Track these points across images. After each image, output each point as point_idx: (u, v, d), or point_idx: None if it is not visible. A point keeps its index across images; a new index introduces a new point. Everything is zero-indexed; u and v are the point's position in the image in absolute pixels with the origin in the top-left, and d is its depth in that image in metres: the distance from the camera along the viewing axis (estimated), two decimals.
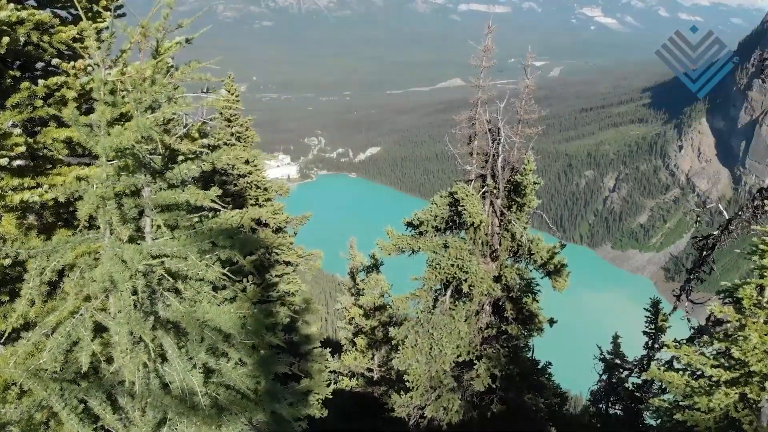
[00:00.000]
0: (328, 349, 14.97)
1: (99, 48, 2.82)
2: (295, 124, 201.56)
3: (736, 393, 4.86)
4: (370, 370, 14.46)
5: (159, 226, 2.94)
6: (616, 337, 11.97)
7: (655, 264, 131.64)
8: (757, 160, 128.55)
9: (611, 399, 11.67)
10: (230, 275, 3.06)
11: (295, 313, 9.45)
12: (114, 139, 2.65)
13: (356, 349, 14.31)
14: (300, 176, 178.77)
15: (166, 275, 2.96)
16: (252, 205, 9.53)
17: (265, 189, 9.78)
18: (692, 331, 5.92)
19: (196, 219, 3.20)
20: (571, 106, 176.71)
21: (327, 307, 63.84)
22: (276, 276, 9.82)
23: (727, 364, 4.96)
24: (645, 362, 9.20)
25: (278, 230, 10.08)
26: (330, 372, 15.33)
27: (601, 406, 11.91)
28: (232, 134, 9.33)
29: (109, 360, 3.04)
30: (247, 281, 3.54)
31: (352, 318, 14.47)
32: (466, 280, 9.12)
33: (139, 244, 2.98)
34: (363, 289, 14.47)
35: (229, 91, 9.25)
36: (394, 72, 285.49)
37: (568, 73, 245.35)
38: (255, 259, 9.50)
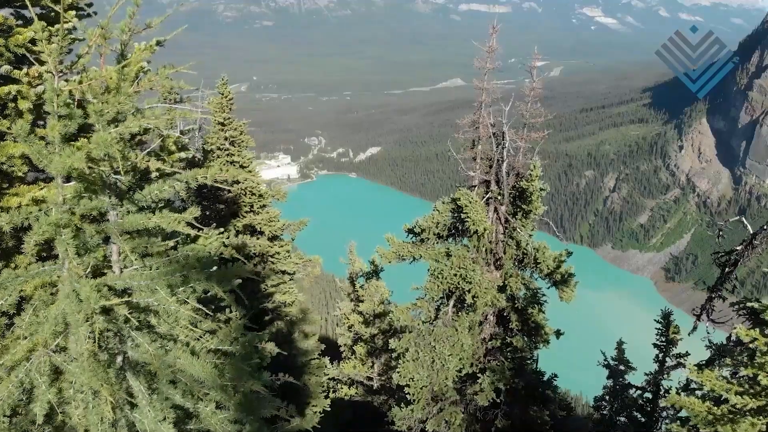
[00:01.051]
0: (327, 358, 14.63)
1: (51, 53, 2.44)
2: (295, 124, 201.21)
3: (763, 423, 4.52)
4: (369, 378, 14.12)
5: (127, 255, 2.57)
6: (620, 344, 11.64)
7: (655, 264, 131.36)
8: (758, 161, 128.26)
9: (615, 407, 11.35)
10: (207, 311, 2.69)
11: (292, 323, 9.09)
12: (66, 158, 2.28)
13: (355, 357, 13.97)
14: (300, 176, 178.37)
15: (133, 312, 2.59)
16: (246, 212, 9.16)
17: (260, 195, 9.40)
18: (712, 351, 5.59)
19: (172, 244, 2.83)
20: (571, 106, 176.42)
21: (327, 308, 63.61)
22: (272, 286, 9.45)
23: (752, 391, 4.61)
24: (657, 377, 8.84)
25: (274, 238, 9.70)
26: (329, 379, 14.99)
27: (605, 413, 11.58)
28: (225, 138, 8.96)
29: (71, 405, 2.68)
30: (230, 311, 3.18)
31: (351, 325, 14.13)
32: (469, 291, 8.77)
33: (104, 274, 2.61)
34: (363, 296, 14.14)
35: (222, 94, 8.88)
36: (394, 72, 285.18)
37: (568, 73, 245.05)
38: (250, 268, 9.15)
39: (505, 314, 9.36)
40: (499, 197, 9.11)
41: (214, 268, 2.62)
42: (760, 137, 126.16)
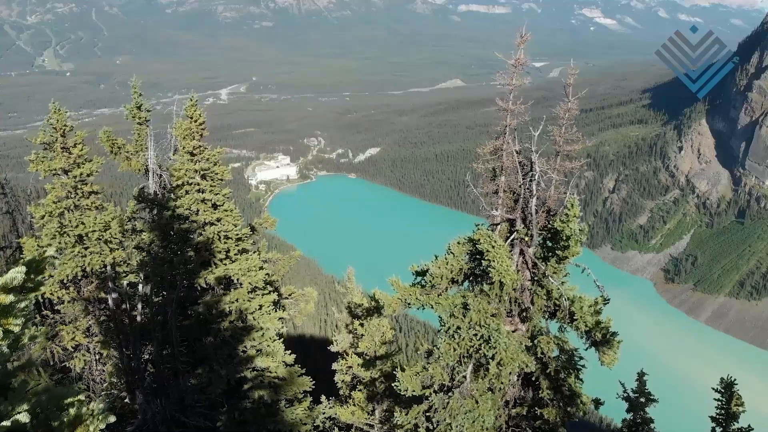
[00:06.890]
0: (324, 399, 13.17)
1: None
2: (295, 124, 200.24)
3: None
4: (369, 425, 12.64)
5: None
6: (641, 375, 10.41)
7: (654, 265, 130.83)
8: (757, 162, 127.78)
9: None
10: None
11: (276, 390, 7.59)
12: None
13: (353, 404, 12.47)
14: (299, 177, 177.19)
15: None
16: (221, 259, 7.61)
17: (238, 239, 7.82)
18: None
19: None
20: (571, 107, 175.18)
21: (327, 309, 62.83)
22: (251, 347, 7.90)
23: None
24: None
25: (254, 290, 8.13)
26: (325, 418, 13.52)
27: None
28: (196, 171, 7.41)
29: None
30: None
31: (350, 367, 12.64)
32: (493, 357, 7.27)
33: None
34: (362, 333, 12.65)
35: (191, 118, 7.33)
36: (394, 72, 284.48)
37: (567, 73, 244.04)
38: (227, 327, 7.63)
39: (533, 378, 7.91)
40: (526, 238, 7.64)
41: None
42: (760, 138, 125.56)
